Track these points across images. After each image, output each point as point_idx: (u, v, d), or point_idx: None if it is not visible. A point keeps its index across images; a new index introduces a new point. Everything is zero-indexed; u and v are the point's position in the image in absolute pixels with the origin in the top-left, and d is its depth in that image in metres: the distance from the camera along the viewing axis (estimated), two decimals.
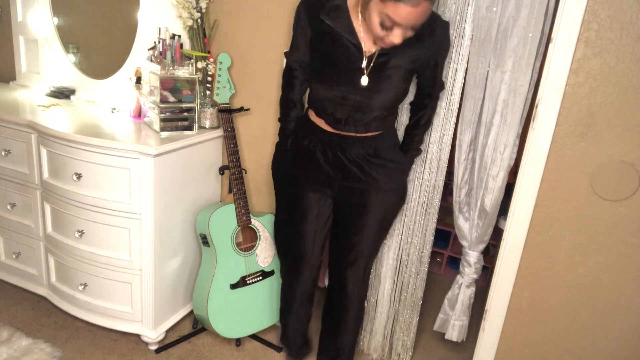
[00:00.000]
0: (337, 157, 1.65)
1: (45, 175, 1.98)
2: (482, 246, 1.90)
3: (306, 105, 1.76)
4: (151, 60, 1.97)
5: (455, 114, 1.78)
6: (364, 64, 1.50)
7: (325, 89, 1.56)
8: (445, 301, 2.03)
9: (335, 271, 1.87)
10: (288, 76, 1.72)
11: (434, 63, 1.61)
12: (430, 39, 1.53)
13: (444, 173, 1.86)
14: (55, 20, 2.41)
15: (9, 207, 2.15)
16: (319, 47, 1.57)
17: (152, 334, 2.01)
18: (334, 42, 1.52)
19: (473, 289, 1.96)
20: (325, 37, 1.53)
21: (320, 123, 1.65)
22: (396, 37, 1.39)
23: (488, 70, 1.70)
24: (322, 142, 1.66)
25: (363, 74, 1.51)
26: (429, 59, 1.58)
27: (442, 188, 1.88)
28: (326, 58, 1.55)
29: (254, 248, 2.06)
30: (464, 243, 1.92)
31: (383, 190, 1.69)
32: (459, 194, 1.89)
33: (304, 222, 1.76)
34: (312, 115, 1.68)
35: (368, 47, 1.51)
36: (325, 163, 1.67)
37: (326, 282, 2.31)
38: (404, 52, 1.51)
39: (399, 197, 1.79)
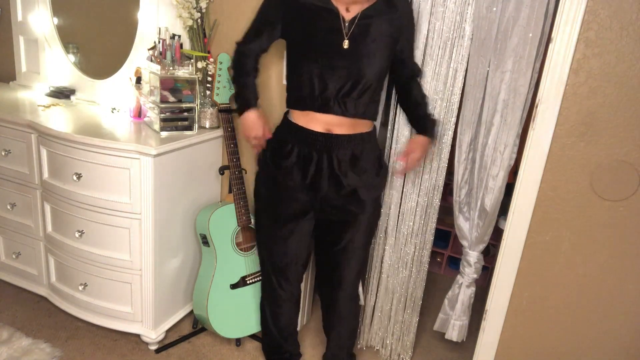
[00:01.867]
0: (323, 163, 1.60)
1: (45, 175, 1.98)
2: (482, 246, 1.90)
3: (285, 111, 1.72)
4: (151, 60, 1.97)
5: (455, 114, 1.78)
6: (345, 29, 1.53)
7: (311, 62, 1.55)
8: (445, 301, 2.03)
9: (325, 292, 1.87)
10: (239, 62, 1.72)
11: (407, 44, 1.67)
12: (401, 5, 1.60)
13: (444, 173, 1.86)
14: (55, 20, 2.41)
15: (9, 207, 2.15)
16: (299, 27, 1.58)
17: (152, 334, 2.01)
18: (313, 17, 1.54)
19: (473, 288, 1.96)
20: (302, 17, 1.56)
21: (305, 121, 1.59)
22: None
23: (488, 70, 1.70)
24: (307, 144, 1.59)
25: (344, 38, 1.53)
26: (402, 29, 1.62)
27: (442, 188, 1.88)
28: (308, 32, 1.56)
29: (254, 248, 2.06)
30: (464, 243, 1.92)
31: (366, 211, 1.70)
32: (459, 194, 1.88)
33: (291, 241, 1.74)
34: (296, 115, 1.63)
35: (344, 13, 1.54)
36: (310, 172, 1.61)
37: None
38: (382, 17, 1.56)
39: (378, 209, 1.82)
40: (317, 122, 1.58)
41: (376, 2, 1.54)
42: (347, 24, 1.53)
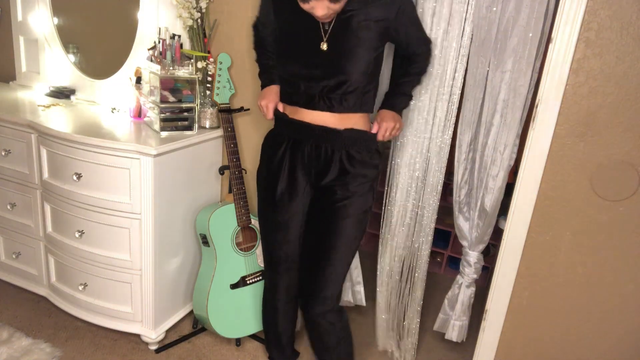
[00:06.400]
0: (313, 154, 1.58)
1: (45, 175, 1.98)
2: (482, 246, 1.90)
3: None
4: (151, 60, 1.97)
5: (455, 114, 1.78)
6: (323, 27, 1.49)
7: (293, 60, 1.55)
8: (445, 301, 2.03)
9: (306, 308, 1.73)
10: (257, 41, 1.75)
11: (405, 27, 1.56)
12: None
13: (444, 173, 1.86)
14: (55, 20, 2.41)
15: (9, 207, 2.15)
16: (281, 21, 1.58)
17: (152, 334, 2.01)
18: (293, 11, 1.51)
19: (473, 289, 1.96)
20: (285, 10, 1.55)
21: (296, 114, 1.59)
22: (318, 9, 1.40)
23: (488, 70, 1.70)
24: (299, 135, 1.59)
25: (322, 39, 1.50)
26: (396, 23, 1.52)
27: (441, 188, 1.88)
28: (289, 28, 1.56)
29: (254, 248, 2.06)
30: (464, 243, 1.92)
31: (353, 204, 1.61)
32: (459, 194, 1.88)
33: (290, 225, 1.69)
34: (286, 110, 1.63)
35: None
36: (301, 162, 1.61)
37: None
38: (366, 9, 1.48)
39: (370, 201, 1.66)
40: (305, 116, 1.58)
41: None
42: (325, 23, 1.49)
